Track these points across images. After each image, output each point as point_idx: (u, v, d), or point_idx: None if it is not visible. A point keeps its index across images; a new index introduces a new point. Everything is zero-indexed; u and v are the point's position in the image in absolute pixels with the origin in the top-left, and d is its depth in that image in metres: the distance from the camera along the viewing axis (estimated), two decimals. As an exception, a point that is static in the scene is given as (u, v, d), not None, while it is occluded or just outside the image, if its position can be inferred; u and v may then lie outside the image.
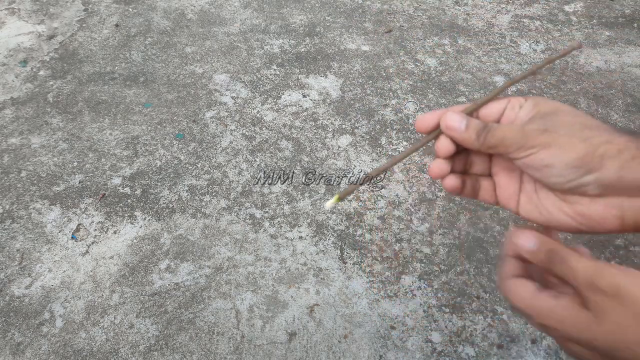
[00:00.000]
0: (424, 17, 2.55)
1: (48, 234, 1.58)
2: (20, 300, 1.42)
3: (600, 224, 0.38)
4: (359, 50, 2.32)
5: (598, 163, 0.36)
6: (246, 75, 2.18)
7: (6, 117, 1.97)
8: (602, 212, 0.37)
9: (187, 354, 1.32)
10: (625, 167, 0.35)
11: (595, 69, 2.23)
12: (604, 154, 0.36)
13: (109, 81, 2.15)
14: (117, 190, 1.71)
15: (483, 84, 2.14)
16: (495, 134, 0.40)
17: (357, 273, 1.49)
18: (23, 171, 1.77)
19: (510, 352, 1.32)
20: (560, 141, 0.37)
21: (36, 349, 1.32)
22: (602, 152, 0.36)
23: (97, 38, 2.39)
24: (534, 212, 0.41)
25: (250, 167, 1.79)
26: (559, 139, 0.37)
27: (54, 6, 2.59)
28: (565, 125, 0.38)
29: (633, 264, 1.51)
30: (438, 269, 1.50)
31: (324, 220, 1.62)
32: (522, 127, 0.39)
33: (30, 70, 2.20)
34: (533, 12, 2.59)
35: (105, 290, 1.45)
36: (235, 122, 1.97)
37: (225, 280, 1.47)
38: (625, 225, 0.37)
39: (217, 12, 2.57)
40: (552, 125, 0.38)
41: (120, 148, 1.86)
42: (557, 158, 0.37)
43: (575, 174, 0.37)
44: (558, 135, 0.37)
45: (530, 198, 0.42)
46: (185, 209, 1.66)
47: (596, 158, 0.36)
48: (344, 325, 1.37)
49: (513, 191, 0.43)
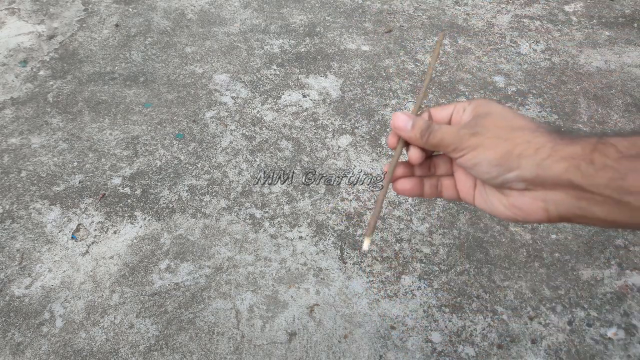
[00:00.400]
0: (424, 17, 2.55)
1: (48, 234, 1.58)
2: (20, 300, 1.42)
3: (530, 214, 0.42)
4: (359, 50, 2.32)
5: (516, 162, 0.40)
6: (246, 75, 2.18)
7: (6, 117, 1.97)
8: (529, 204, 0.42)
9: (187, 354, 1.32)
10: (540, 166, 0.39)
11: (595, 69, 2.23)
12: (521, 153, 0.40)
13: (109, 81, 2.15)
14: (117, 190, 1.71)
15: (483, 84, 2.14)
16: (436, 135, 0.45)
17: (357, 273, 1.49)
18: (23, 171, 1.77)
19: (510, 352, 1.32)
20: (485, 143, 0.42)
21: (36, 349, 1.32)
22: (520, 151, 0.40)
23: (97, 38, 2.39)
24: (484, 204, 0.46)
25: (250, 167, 1.79)
26: (484, 141, 0.42)
27: (54, 6, 2.59)
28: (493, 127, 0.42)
29: (633, 264, 1.51)
30: (438, 269, 1.50)
31: (324, 220, 1.62)
32: (457, 130, 0.44)
33: (30, 70, 2.20)
34: (533, 12, 2.59)
35: (105, 290, 1.45)
36: (235, 122, 1.97)
37: (225, 280, 1.47)
38: (551, 216, 0.41)
39: (217, 12, 2.57)
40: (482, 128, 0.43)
41: (120, 148, 1.86)
42: (481, 157, 0.42)
43: (498, 171, 0.41)
44: (484, 137, 0.42)
45: (480, 192, 0.47)
46: (185, 209, 1.66)
47: (514, 157, 0.40)
48: (344, 325, 1.37)
49: (470, 187, 0.48)
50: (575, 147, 0.38)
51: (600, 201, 0.37)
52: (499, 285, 1.46)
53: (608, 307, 1.41)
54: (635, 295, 1.44)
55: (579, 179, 0.37)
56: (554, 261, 1.52)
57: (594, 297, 1.44)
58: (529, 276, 1.48)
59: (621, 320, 1.38)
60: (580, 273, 1.49)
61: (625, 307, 1.41)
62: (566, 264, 1.51)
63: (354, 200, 1.68)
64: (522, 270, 1.50)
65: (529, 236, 1.58)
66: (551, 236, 1.58)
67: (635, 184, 0.35)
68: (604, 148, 0.37)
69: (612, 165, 0.36)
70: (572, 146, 0.38)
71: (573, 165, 0.38)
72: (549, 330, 1.37)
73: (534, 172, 0.39)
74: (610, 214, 0.37)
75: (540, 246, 1.56)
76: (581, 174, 0.37)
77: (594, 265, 1.51)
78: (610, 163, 0.36)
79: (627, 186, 0.35)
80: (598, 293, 1.44)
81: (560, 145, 0.39)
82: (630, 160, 0.36)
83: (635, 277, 1.48)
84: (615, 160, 0.36)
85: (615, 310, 1.40)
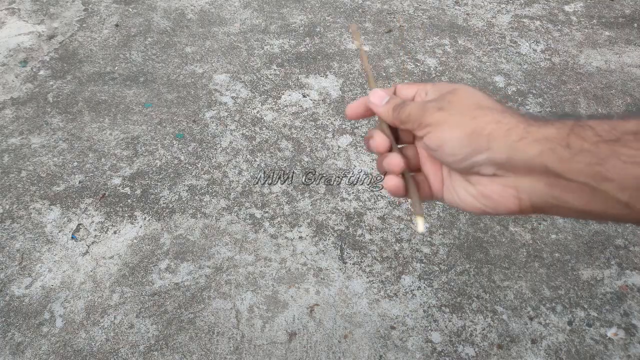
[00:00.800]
0: (424, 17, 2.55)
1: (48, 234, 1.58)
2: (20, 300, 1.42)
3: (501, 203, 0.39)
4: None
5: (485, 142, 0.37)
6: (246, 75, 2.18)
7: (6, 117, 1.97)
8: (500, 192, 0.38)
9: (187, 354, 1.32)
10: (513, 148, 0.36)
11: (595, 69, 2.23)
12: (491, 133, 0.37)
13: (109, 81, 2.15)
14: (117, 190, 1.71)
15: (483, 84, 2.14)
16: (405, 110, 0.43)
17: (357, 273, 1.49)
18: (23, 171, 1.77)
19: (510, 352, 1.32)
20: (451, 120, 0.39)
21: (36, 349, 1.32)
22: (490, 131, 0.37)
23: (97, 38, 2.39)
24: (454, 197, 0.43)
25: (250, 167, 1.79)
26: (450, 118, 0.39)
27: (54, 6, 2.59)
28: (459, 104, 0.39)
29: (633, 264, 1.51)
30: (438, 269, 1.50)
31: (323, 220, 1.62)
32: (424, 103, 0.42)
33: (30, 70, 2.20)
34: (533, 12, 2.59)
35: (105, 290, 1.45)
36: (235, 122, 1.97)
37: (225, 280, 1.47)
38: (523, 205, 0.38)
39: (217, 12, 2.57)
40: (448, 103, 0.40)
41: (120, 148, 1.86)
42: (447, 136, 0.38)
43: (465, 152, 0.38)
44: (450, 113, 0.39)
45: (448, 184, 0.44)
46: (185, 209, 1.66)
47: (483, 137, 0.37)
48: (344, 325, 1.37)
49: (439, 180, 0.45)
50: (550, 129, 0.35)
51: (575, 189, 0.34)
52: (499, 285, 1.46)
53: (608, 307, 1.41)
54: (635, 295, 1.44)
55: (554, 164, 0.34)
56: (554, 261, 1.52)
57: (594, 297, 1.44)
58: (529, 276, 1.48)
59: (621, 320, 1.38)
60: (580, 273, 1.49)
61: (625, 307, 1.41)
62: (566, 264, 1.51)
63: (354, 200, 1.68)
64: (522, 270, 1.50)
65: (529, 236, 1.58)
66: (551, 236, 1.58)
67: (614, 171, 0.32)
68: (581, 131, 0.34)
69: (590, 149, 0.33)
70: (546, 128, 0.36)
71: (548, 148, 0.35)
72: (549, 330, 1.37)
73: (505, 155, 0.36)
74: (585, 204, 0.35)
75: (540, 246, 1.56)
76: (557, 158, 0.34)
77: (594, 265, 1.51)
78: (587, 147, 0.33)
79: (604, 172, 0.33)
80: (598, 293, 1.44)
81: (533, 126, 0.36)
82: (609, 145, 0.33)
83: (635, 277, 1.48)
84: (593, 144, 0.33)
85: (615, 310, 1.40)
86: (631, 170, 0.32)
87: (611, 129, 0.33)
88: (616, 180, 0.32)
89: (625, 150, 0.32)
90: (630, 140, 0.32)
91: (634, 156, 0.32)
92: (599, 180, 0.33)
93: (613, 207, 0.34)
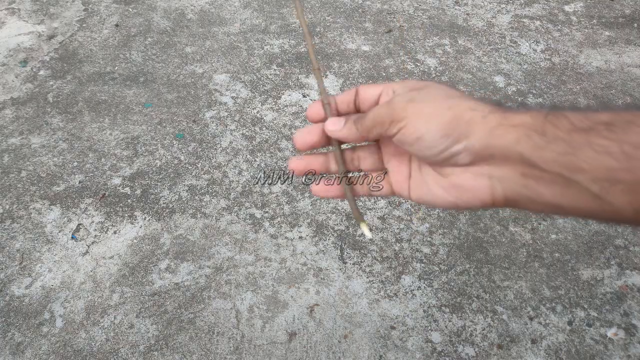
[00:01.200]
0: (424, 17, 2.55)
1: (48, 234, 1.58)
2: (20, 300, 1.42)
3: (473, 194, 0.38)
4: (359, 50, 2.32)
5: (465, 129, 0.36)
6: (246, 75, 2.18)
7: (6, 117, 1.97)
8: (472, 181, 0.38)
9: (187, 354, 1.32)
10: (491, 135, 0.35)
11: (595, 69, 2.23)
12: (470, 119, 0.36)
13: (109, 81, 2.15)
14: (117, 190, 1.71)
15: (483, 84, 2.14)
16: (368, 117, 0.41)
17: (357, 273, 1.49)
18: (23, 171, 1.77)
19: (510, 352, 1.32)
20: (426, 110, 0.38)
21: (36, 349, 1.32)
22: (469, 117, 0.36)
23: (97, 38, 2.39)
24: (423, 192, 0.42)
25: (250, 167, 1.79)
26: (424, 108, 0.38)
27: (54, 6, 2.59)
28: (431, 96, 0.39)
29: (633, 264, 1.51)
30: (438, 269, 1.50)
31: (324, 220, 1.62)
32: (389, 102, 0.40)
33: (30, 70, 2.20)
34: (533, 12, 2.59)
35: (105, 290, 1.45)
36: (235, 122, 1.97)
37: (225, 280, 1.47)
38: (496, 197, 0.37)
39: (217, 12, 2.57)
40: (418, 96, 0.39)
41: (120, 148, 1.86)
42: (425, 127, 0.37)
43: (445, 143, 0.37)
44: (424, 104, 0.38)
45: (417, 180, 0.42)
46: (185, 209, 1.66)
47: (463, 124, 0.36)
48: (344, 325, 1.37)
49: (404, 177, 0.43)
50: (525, 117, 0.35)
51: (548, 180, 0.34)
52: (499, 285, 1.46)
53: (608, 307, 1.41)
54: (635, 295, 1.44)
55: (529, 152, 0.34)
56: (554, 261, 1.52)
57: (594, 297, 1.44)
58: (529, 276, 1.48)
59: (621, 320, 1.38)
60: (580, 273, 1.49)
61: (625, 307, 1.41)
62: (566, 264, 1.51)
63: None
64: (522, 270, 1.50)
65: (529, 236, 1.58)
66: (551, 236, 1.58)
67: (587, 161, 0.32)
68: (555, 119, 0.34)
69: (564, 137, 0.33)
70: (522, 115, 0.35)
71: (524, 134, 0.34)
72: (549, 330, 1.37)
73: (484, 142, 0.35)
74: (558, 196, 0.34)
75: (540, 246, 1.56)
76: (532, 145, 0.34)
77: (594, 265, 1.51)
78: (561, 135, 0.33)
79: (577, 162, 0.32)
80: (598, 293, 1.44)
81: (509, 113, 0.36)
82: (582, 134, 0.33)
83: (635, 277, 1.48)
84: (566, 132, 0.33)
85: (615, 310, 1.40)
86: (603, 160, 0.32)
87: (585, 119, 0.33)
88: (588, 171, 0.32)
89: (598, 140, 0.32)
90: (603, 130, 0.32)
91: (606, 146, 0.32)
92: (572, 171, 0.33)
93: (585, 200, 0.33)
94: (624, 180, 0.31)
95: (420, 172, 0.42)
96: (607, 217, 0.34)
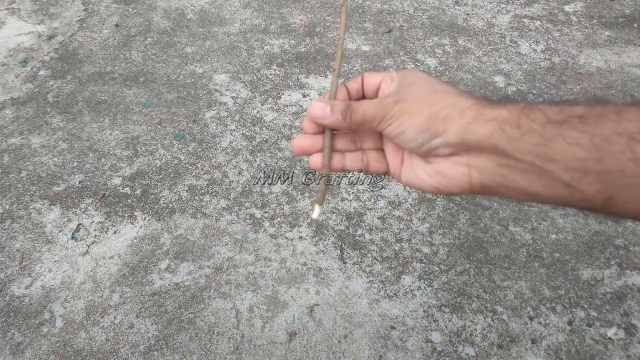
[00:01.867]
0: (424, 17, 2.55)
1: (48, 234, 1.58)
2: (20, 300, 1.42)
3: (453, 181, 0.41)
4: (359, 50, 2.32)
5: (442, 126, 0.39)
6: (246, 75, 2.18)
7: (6, 117, 1.97)
8: (452, 169, 0.40)
9: (187, 354, 1.32)
10: (466, 130, 0.38)
11: (595, 69, 2.23)
12: (446, 116, 0.38)
13: (109, 81, 2.15)
14: (117, 190, 1.71)
15: (483, 84, 2.14)
16: (357, 112, 0.43)
17: (357, 273, 1.49)
18: (23, 171, 1.77)
19: (510, 352, 1.32)
20: (409, 109, 0.40)
21: (36, 349, 1.32)
22: (445, 114, 0.39)
23: (97, 38, 2.39)
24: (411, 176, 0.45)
25: (250, 167, 1.79)
26: (408, 107, 0.40)
27: (54, 6, 2.59)
28: (417, 93, 0.41)
29: (633, 264, 1.51)
30: (438, 269, 1.50)
31: (324, 220, 1.62)
32: (379, 101, 0.43)
33: (30, 70, 2.20)
34: (533, 12, 2.59)
35: (105, 290, 1.45)
36: (235, 122, 1.97)
37: (225, 280, 1.47)
38: (474, 183, 0.40)
39: (217, 12, 2.57)
40: (406, 95, 0.41)
41: (120, 148, 1.86)
42: (407, 124, 0.40)
43: (424, 138, 0.40)
44: (408, 103, 0.41)
45: (407, 166, 0.45)
46: (185, 209, 1.66)
47: (439, 121, 0.39)
48: (344, 325, 1.37)
49: (398, 161, 0.46)
50: (502, 110, 0.37)
51: (522, 169, 0.36)
52: (499, 285, 1.46)
53: (608, 307, 1.41)
54: (635, 295, 1.44)
55: (503, 143, 0.36)
56: (554, 261, 1.52)
57: (594, 297, 1.44)
58: (529, 276, 1.48)
59: (621, 320, 1.38)
60: (580, 273, 1.49)
61: (625, 307, 1.41)
62: (566, 264, 1.51)
63: (354, 200, 1.68)
64: (522, 270, 1.50)
65: (529, 236, 1.58)
66: (551, 236, 1.58)
67: (559, 151, 0.34)
68: (531, 112, 0.36)
69: (538, 129, 0.35)
70: (498, 109, 0.37)
71: (498, 128, 0.36)
72: (549, 330, 1.37)
73: (460, 137, 0.38)
74: (532, 184, 0.36)
75: (540, 246, 1.56)
76: (506, 137, 0.36)
77: (594, 265, 1.51)
78: (535, 127, 0.35)
79: (551, 153, 0.34)
80: (598, 293, 1.44)
81: (487, 108, 0.38)
82: (555, 126, 0.35)
83: (635, 277, 1.48)
84: (541, 124, 0.35)
85: (615, 310, 1.40)
86: (574, 151, 0.33)
87: (559, 112, 0.35)
88: (560, 161, 0.34)
89: (570, 132, 0.34)
90: (576, 122, 0.34)
91: (577, 138, 0.33)
92: (545, 161, 0.35)
93: (557, 188, 0.35)
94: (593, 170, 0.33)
95: (410, 159, 0.45)
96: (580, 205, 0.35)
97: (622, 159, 0.32)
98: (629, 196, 0.33)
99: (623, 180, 0.32)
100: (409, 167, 0.45)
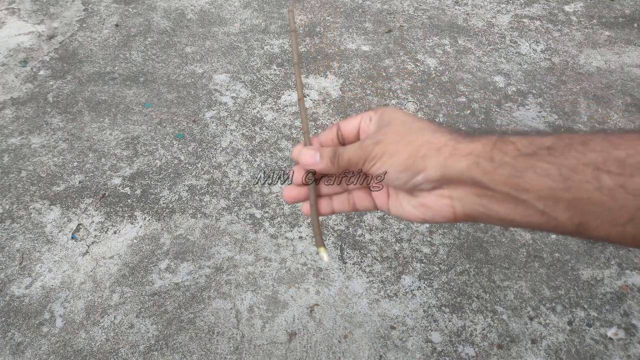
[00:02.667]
0: (424, 17, 2.55)
1: (48, 234, 1.58)
2: (20, 300, 1.42)
3: (438, 212, 0.43)
4: (359, 50, 2.32)
5: (421, 163, 0.41)
6: (246, 75, 2.18)
7: (6, 117, 1.97)
8: (436, 201, 0.42)
9: (187, 354, 1.32)
10: (444, 165, 0.40)
11: (595, 69, 2.23)
12: (425, 154, 0.41)
13: (109, 81, 2.15)
14: (117, 190, 1.71)
15: (483, 84, 2.14)
16: (343, 157, 0.46)
17: (357, 273, 1.49)
18: (23, 171, 1.77)
19: (510, 352, 1.32)
20: (389, 149, 0.43)
21: (36, 349, 1.32)
22: (424, 152, 0.41)
23: (97, 38, 2.39)
24: (398, 209, 0.47)
25: (250, 167, 1.79)
26: (388, 148, 0.43)
27: (54, 6, 2.59)
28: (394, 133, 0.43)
29: (633, 264, 1.51)
30: (438, 269, 1.50)
31: (324, 220, 1.62)
32: (360, 144, 0.45)
33: (30, 70, 2.20)
34: (533, 12, 2.59)
35: (105, 290, 1.45)
36: (235, 122, 1.97)
37: (225, 280, 1.47)
38: (457, 213, 0.42)
39: (217, 12, 2.57)
40: (384, 136, 0.44)
41: (120, 148, 1.86)
42: (388, 165, 0.43)
43: (406, 176, 0.42)
44: (387, 144, 0.43)
45: (393, 199, 0.48)
46: (185, 209, 1.66)
47: (418, 159, 0.41)
48: (344, 325, 1.37)
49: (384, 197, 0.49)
50: (476, 145, 0.39)
51: (500, 199, 0.38)
52: (499, 285, 1.46)
53: (608, 307, 1.41)
54: (635, 295, 1.44)
55: (479, 176, 0.38)
56: (554, 261, 1.52)
57: (594, 297, 1.44)
58: (529, 276, 1.48)
59: (621, 320, 1.38)
60: (580, 273, 1.49)
61: (625, 307, 1.41)
62: (566, 264, 1.51)
63: (354, 200, 1.68)
64: (522, 270, 1.50)
65: (529, 236, 1.58)
66: (551, 236, 1.58)
67: (531, 182, 0.36)
68: (503, 145, 0.38)
69: (510, 162, 0.37)
70: (473, 144, 0.39)
71: (473, 162, 0.38)
72: (549, 330, 1.37)
73: (439, 172, 0.40)
74: (510, 213, 0.38)
75: (540, 246, 1.56)
76: (481, 170, 0.38)
77: (594, 265, 1.51)
78: (508, 160, 0.37)
79: (523, 184, 0.36)
80: (598, 293, 1.44)
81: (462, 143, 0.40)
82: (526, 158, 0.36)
83: (635, 277, 1.48)
84: (513, 157, 0.37)
85: (615, 310, 1.40)
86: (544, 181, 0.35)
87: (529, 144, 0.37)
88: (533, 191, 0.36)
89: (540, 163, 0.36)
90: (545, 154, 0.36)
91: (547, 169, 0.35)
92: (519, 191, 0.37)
93: (533, 215, 0.37)
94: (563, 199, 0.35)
95: (396, 193, 0.47)
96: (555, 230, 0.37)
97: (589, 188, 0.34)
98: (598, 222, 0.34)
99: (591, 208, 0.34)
100: (395, 202, 0.47)
